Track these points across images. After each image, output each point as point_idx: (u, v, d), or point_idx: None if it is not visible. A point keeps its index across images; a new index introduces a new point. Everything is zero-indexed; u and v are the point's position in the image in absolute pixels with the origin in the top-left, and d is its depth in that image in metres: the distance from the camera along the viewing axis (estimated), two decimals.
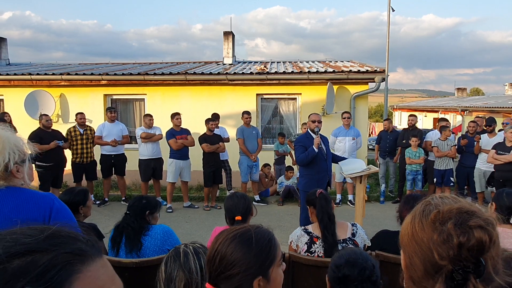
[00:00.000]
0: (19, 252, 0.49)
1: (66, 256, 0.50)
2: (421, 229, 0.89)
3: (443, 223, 0.86)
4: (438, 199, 0.93)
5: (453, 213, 0.86)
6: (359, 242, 2.80)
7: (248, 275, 1.23)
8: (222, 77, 9.08)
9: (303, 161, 5.14)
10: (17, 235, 0.52)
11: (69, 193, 2.81)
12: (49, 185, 7.12)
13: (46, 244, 0.51)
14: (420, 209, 0.93)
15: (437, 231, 0.85)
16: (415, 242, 0.89)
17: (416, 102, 37.38)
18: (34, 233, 0.53)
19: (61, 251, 0.50)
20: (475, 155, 7.25)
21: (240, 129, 7.76)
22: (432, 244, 0.85)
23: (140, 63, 13.02)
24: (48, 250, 0.50)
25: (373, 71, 9.05)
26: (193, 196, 8.26)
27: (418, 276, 0.89)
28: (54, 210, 1.78)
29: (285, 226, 6.30)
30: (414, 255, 0.90)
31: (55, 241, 0.52)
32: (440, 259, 0.83)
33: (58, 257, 0.49)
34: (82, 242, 0.55)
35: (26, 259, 0.48)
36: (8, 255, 0.48)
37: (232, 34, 11.90)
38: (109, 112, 7.78)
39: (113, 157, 7.62)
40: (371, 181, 9.26)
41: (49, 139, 6.93)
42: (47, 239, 0.52)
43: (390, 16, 13.69)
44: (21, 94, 9.18)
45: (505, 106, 16.80)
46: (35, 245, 0.50)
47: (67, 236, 0.54)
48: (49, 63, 13.44)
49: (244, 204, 2.65)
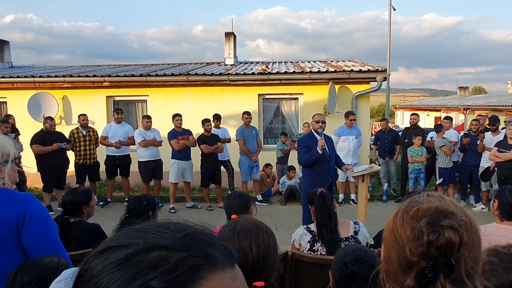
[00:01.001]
0: (156, 246, 0.50)
1: (196, 259, 0.50)
2: (400, 225, 0.91)
3: (418, 220, 0.87)
4: (424, 197, 0.95)
5: (430, 211, 0.87)
6: (361, 240, 2.81)
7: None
8: (223, 77, 9.10)
9: (306, 162, 5.12)
10: (161, 229, 0.54)
11: (72, 193, 2.83)
12: (52, 186, 7.16)
13: (181, 243, 0.52)
14: (405, 205, 0.94)
15: (412, 227, 0.87)
16: (394, 236, 0.91)
17: (418, 101, 37.32)
18: (175, 230, 0.54)
19: (192, 253, 0.51)
20: (478, 153, 7.23)
21: (239, 130, 7.78)
22: (406, 239, 0.87)
23: (142, 65, 13.05)
24: (181, 249, 0.51)
25: (375, 70, 9.05)
26: (196, 196, 8.28)
27: (393, 269, 0.91)
28: (29, 211, 1.70)
29: (288, 225, 6.31)
30: (391, 249, 0.92)
31: (191, 242, 0.53)
32: (411, 255, 0.85)
33: (187, 259, 0.50)
34: (217, 249, 0.54)
35: (162, 254, 0.50)
36: (147, 247, 0.50)
37: (234, 35, 11.92)
38: (116, 113, 7.81)
39: (117, 158, 7.65)
40: (374, 181, 9.25)
41: (52, 141, 6.96)
42: (184, 238, 0.53)
43: (391, 15, 13.69)
44: (24, 97, 9.23)
45: (508, 105, 16.74)
46: (172, 242, 0.51)
47: (203, 240, 0.55)
48: (52, 66, 13.49)
49: (240, 202, 2.62)
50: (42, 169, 7.06)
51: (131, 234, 0.54)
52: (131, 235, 0.53)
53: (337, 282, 1.73)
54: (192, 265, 0.49)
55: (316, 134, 5.20)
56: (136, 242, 0.51)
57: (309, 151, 5.08)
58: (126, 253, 0.49)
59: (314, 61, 12.62)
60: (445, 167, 7.37)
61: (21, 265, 1.50)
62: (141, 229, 0.54)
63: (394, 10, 13.53)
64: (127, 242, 0.51)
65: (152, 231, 0.54)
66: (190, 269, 0.49)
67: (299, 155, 5.29)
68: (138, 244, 0.51)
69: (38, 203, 1.78)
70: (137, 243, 0.51)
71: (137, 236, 0.53)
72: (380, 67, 9.28)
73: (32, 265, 1.47)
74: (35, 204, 1.76)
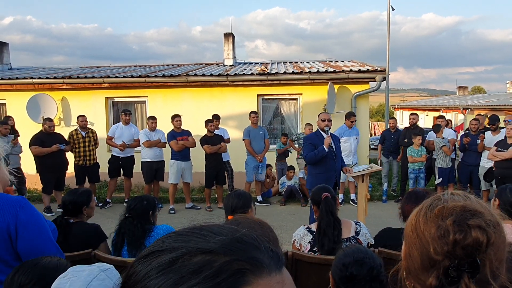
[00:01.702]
0: (200, 250, 0.49)
1: (241, 263, 0.49)
2: (424, 223, 0.89)
3: (444, 218, 0.86)
4: (448, 195, 0.93)
5: (456, 210, 0.86)
6: (362, 240, 2.79)
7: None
8: (223, 78, 9.09)
9: (311, 159, 5.11)
10: (204, 232, 0.53)
11: (72, 193, 2.82)
12: (51, 187, 7.15)
13: (227, 247, 0.50)
14: (428, 203, 0.93)
15: (437, 226, 0.86)
16: (416, 234, 0.90)
17: (417, 101, 37.34)
18: (219, 233, 0.53)
19: (237, 257, 0.49)
20: (478, 153, 7.24)
21: (247, 129, 7.77)
22: (430, 238, 0.85)
23: (141, 66, 13.04)
24: (226, 253, 0.49)
25: (374, 70, 9.05)
26: (196, 197, 8.27)
27: (415, 267, 0.90)
28: (21, 221, 1.62)
29: (287, 226, 6.30)
30: (413, 247, 0.90)
31: (237, 246, 0.51)
32: (435, 253, 0.84)
33: (232, 263, 0.48)
34: (263, 252, 0.52)
35: (205, 258, 0.48)
36: (190, 251, 0.49)
37: (233, 36, 11.91)
38: (124, 114, 7.80)
39: (121, 159, 7.67)
40: (373, 181, 9.25)
41: (51, 142, 6.95)
42: (230, 242, 0.51)
43: (390, 15, 13.68)
44: (23, 98, 9.21)
45: (507, 104, 16.76)
46: (215, 245, 0.50)
47: (250, 243, 0.53)
48: (51, 67, 13.48)
49: (239, 202, 2.59)
50: (41, 171, 7.05)
51: (175, 238, 0.53)
52: (175, 239, 0.52)
53: (337, 284, 1.72)
54: (236, 270, 0.47)
55: (322, 132, 5.22)
56: (180, 246, 0.50)
57: (314, 148, 5.09)
58: (169, 258, 0.49)
59: (313, 61, 12.61)
60: (445, 167, 7.38)
61: (19, 265, 1.49)
62: (185, 233, 0.54)
63: (393, 10, 13.52)
64: (170, 246, 0.51)
65: (196, 234, 0.53)
66: (235, 274, 0.47)
67: (305, 152, 5.28)
68: (181, 248, 0.50)
69: (31, 210, 1.68)
70: (180, 247, 0.50)
71: (180, 240, 0.52)
72: (379, 67, 9.28)
73: (31, 266, 1.46)
74: (28, 211, 1.66)
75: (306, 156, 5.22)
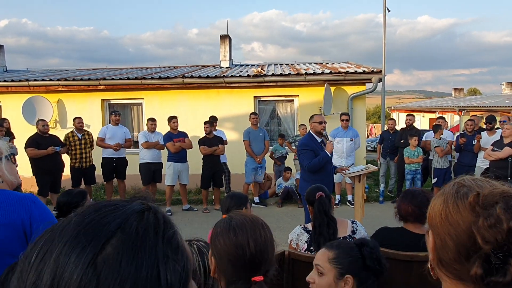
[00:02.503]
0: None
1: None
2: (456, 211, 0.86)
3: (487, 207, 0.82)
4: (470, 180, 0.90)
5: (497, 196, 0.83)
6: None
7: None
8: (219, 80, 9.08)
9: (315, 167, 4.74)
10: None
11: (67, 194, 2.79)
12: (47, 190, 7.10)
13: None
14: (452, 190, 0.90)
15: (482, 215, 0.82)
16: (449, 224, 0.86)
17: (413, 103, 37.46)
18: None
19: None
20: (474, 153, 7.27)
21: (246, 131, 7.77)
22: (476, 228, 0.82)
23: (137, 68, 13.02)
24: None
25: (370, 72, 9.08)
26: (192, 199, 8.25)
27: (449, 258, 0.87)
28: (36, 216, 1.65)
29: (284, 227, 6.29)
30: (447, 237, 0.87)
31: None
32: (485, 243, 0.80)
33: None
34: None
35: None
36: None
37: (229, 38, 11.92)
38: (113, 115, 7.76)
39: (115, 160, 7.60)
40: (370, 182, 9.26)
41: (47, 144, 6.91)
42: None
43: (386, 17, 13.74)
44: (19, 100, 9.17)
45: (503, 105, 16.85)
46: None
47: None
48: (46, 69, 13.44)
49: (234, 202, 2.61)
50: (37, 173, 7.00)
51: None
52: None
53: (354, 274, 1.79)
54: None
55: (316, 135, 4.98)
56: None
57: (315, 155, 4.78)
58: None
59: (309, 63, 12.63)
60: (441, 167, 7.40)
61: (14, 263, 1.47)
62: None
63: (388, 11, 13.60)
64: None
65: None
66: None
67: (306, 160, 4.81)
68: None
69: (42, 205, 1.73)
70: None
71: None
72: (375, 69, 9.31)
73: None
74: (41, 207, 1.70)
75: (309, 164, 4.77)
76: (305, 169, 4.93)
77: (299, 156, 5.01)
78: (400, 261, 2.42)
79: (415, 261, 2.35)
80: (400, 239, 2.55)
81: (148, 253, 0.50)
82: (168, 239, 0.54)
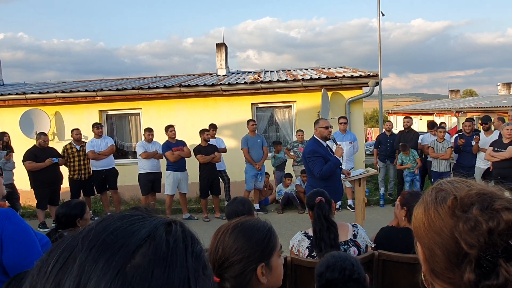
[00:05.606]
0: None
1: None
2: (438, 218, 0.83)
3: (465, 209, 0.79)
4: (447, 184, 0.88)
5: (474, 197, 0.80)
6: (360, 243, 2.76)
7: (250, 261, 1.29)
8: (216, 88, 9.10)
9: (327, 173, 4.56)
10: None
11: (66, 205, 2.77)
12: (46, 202, 7.07)
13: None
14: (431, 197, 0.87)
15: (461, 219, 0.79)
16: (434, 232, 0.84)
17: (410, 106, 37.61)
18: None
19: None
20: (473, 154, 7.26)
21: (244, 138, 7.76)
22: (458, 233, 0.79)
23: (134, 78, 13.03)
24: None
25: (366, 76, 9.10)
26: (192, 208, 8.21)
27: (441, 267, 0.84)
28: (7, 231, 1.58)
29: (285, 233, 6.24)
30: (434, 246, 0.84)
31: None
32: (469, 248, 0.77)
33: None
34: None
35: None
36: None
37: (225, 46, 11.95)
38: (95, 128, 7.69)
39: (104, 172, 7.56)
40: (370, 186, 9.24)
41: (44, 156, 6.89)
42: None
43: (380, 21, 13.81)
44: (16, 114, 9.16)
45: (499, 106, 16.91)
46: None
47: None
48: (43, 82, 13.44)
49: (244, 208, 2.60)
50: (36, 186, 6.97)
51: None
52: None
53: None
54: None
55: (322, 140, 4.85)
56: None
57: (324, 160, 4.63)
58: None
59: (306, 69, 12.66)
60: (440, 171, 7.37)
61: (12, 278, 1.45)
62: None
63: (383, 15, 13.66)
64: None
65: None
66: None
67: (317, 168, 4.59)
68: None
69: (19, 221, 1.64)
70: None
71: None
72: (371, 72, 9.33)
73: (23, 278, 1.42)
74: (15, 223, 1.62)
75: (320, 172, 4.57)
76: (313, 177, 4.74)
77: (308, 163, 4.76)
78: (403, 264, 2.41)
79: (419, 263, 2.34)
80: (409, 240, 2.54)
81: (180, 266, 0.48)
82: (197, 254, 0.53)
